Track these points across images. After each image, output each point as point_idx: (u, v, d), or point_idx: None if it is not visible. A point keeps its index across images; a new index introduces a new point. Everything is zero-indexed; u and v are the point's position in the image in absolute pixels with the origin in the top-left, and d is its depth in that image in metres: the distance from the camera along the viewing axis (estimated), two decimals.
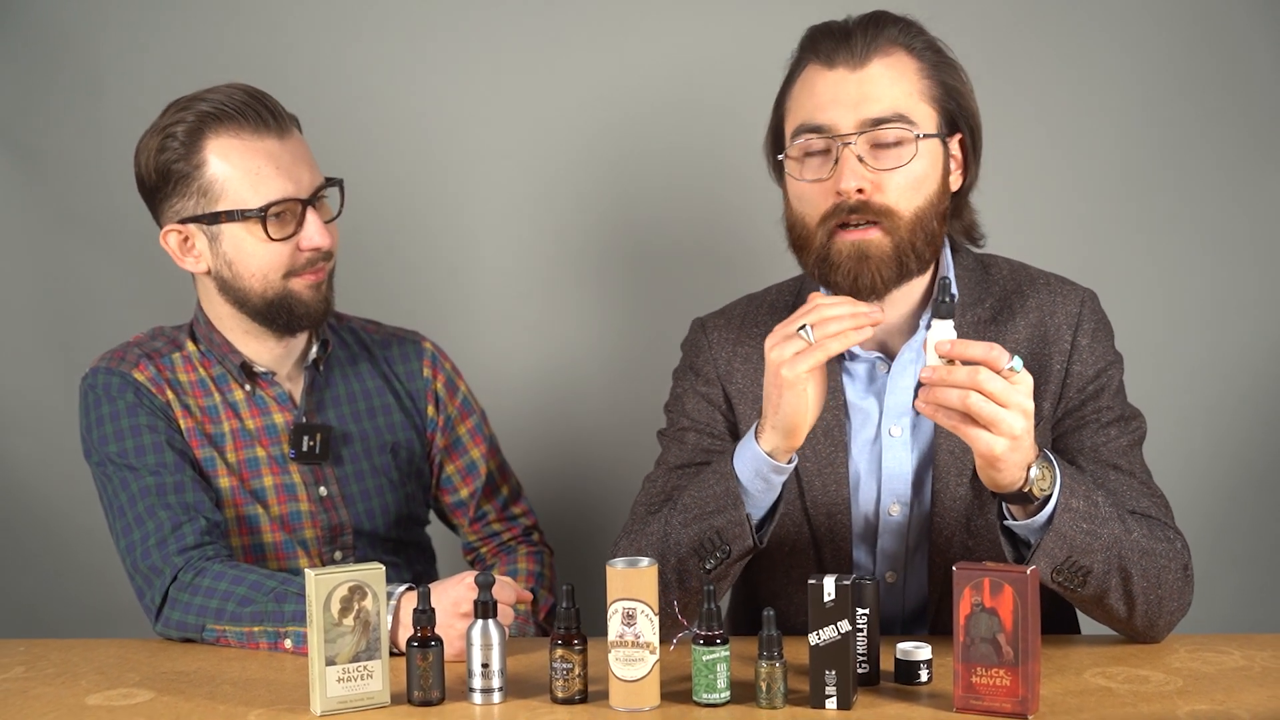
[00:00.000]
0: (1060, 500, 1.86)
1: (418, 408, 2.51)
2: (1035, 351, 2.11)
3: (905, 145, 2.04)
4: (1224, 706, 1.77)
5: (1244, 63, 2.86)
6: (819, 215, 2.05)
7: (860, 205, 2.02)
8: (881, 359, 2.14)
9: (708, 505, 1.98)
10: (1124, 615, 1.97)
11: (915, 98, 2.06)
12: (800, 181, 2.08)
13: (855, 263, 2.03)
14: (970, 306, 2.14)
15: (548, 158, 2.98)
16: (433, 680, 1.85)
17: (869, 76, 2.04)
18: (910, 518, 2.12)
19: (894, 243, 2.03)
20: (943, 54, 2.11)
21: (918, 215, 2.05)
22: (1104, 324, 2.15)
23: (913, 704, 1.81)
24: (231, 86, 2.29)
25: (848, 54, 2.05)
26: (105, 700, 1.92)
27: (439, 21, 2.96)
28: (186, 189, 2.26)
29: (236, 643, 2.14)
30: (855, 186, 2.01)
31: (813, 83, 2.08)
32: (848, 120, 2.03)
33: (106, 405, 2.30)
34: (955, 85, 2.10)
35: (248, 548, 2.33)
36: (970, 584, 1.74)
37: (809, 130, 2.06)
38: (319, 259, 2.31)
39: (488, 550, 2.59)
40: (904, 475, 2.12)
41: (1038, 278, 2.18)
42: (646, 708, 1.81)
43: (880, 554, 2.14)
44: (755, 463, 1.95)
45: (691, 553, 1.98)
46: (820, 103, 2.05)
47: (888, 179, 2.03)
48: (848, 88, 2.04)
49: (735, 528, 1.96)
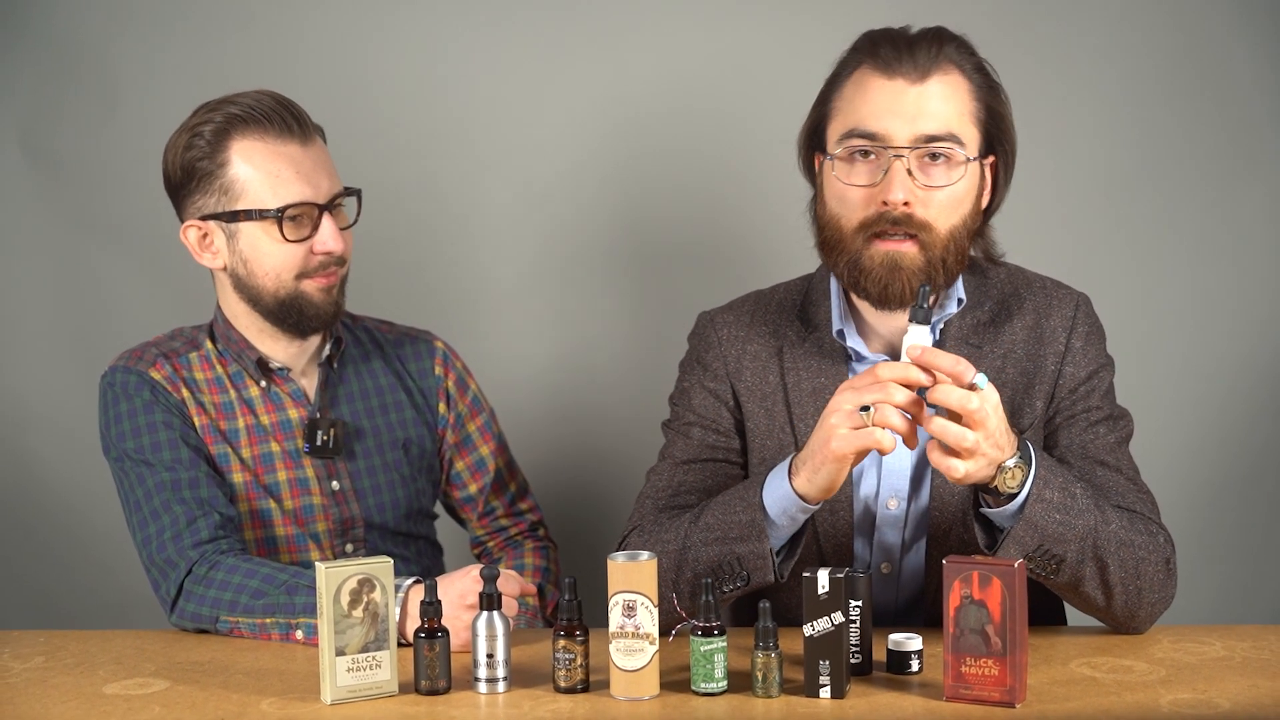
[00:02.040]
0: (1033, 492, 1.88)
1: (429, 405, 2.53)
2: (1030, 353, 2.13)
3: (954, 165, 2.04)
4: (1205, 695, 1.79)
5: (1224, 73, 2.87)
6: (858, 220, 2.06)
7: (903, 218, 2.03)
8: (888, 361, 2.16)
9: (731, 531, 1.98)
10: (1102, 604, 2.00)
11: (966, 119, 2.06)
12: (844, 184, 2.07)
13: (887, 272, 2.04)
14: (969, 309, 2.16)
15: (555, 162, 2.98)
16: (439, 670, 1.86)
17: (928, 92, 2.04)
18: (907, 511, 2.14)
19: (926, 257, 2.04)
20: (989, 76, 2.10)
21: (952, 233, 2.06)
22: (1097, 327, 2.18)
23: (904, 693, 1.83)
24: (260, 92, 2.31)
25: (910, 66, 2.03)
26: (122, 689, 1.93)
27: (448, 32, 2.97)
28: (209, 186, 2.28)
29: (249, 634, 2.15)
30: (903, 199, 2.01)
31: (869, 88, 2.06)
32: (903, 133, 2.03)
33: (124, 403, 2.33)
34: (998, 109, 2.10)
35: (261, 541, 2.35)
36: (960, 577, 1.76)
37: (862, 135, 2.05)
38: (331, 263, 2.33)
39: (495, 545, 2.60)
40: (903, 471, 2.14)
41: (1034, 281, 2.20)
42: (646, 696, 1.83)
43: (877, 545, 2.16)
44: (785, 502, 1.96)
45: (709, 572, 1.98)
46: (876, 110, 2.04)
47: (933, 196, 2.03)
48: (906, 100, 2.03)
49: (757, 560, 1.96)
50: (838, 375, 2.15)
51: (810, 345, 2.19)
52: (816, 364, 2.17)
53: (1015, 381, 2.13)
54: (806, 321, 2.21)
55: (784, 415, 2.17)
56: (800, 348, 2.19)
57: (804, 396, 2.16)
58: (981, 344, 2.15)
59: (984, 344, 2.15)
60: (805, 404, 2.16)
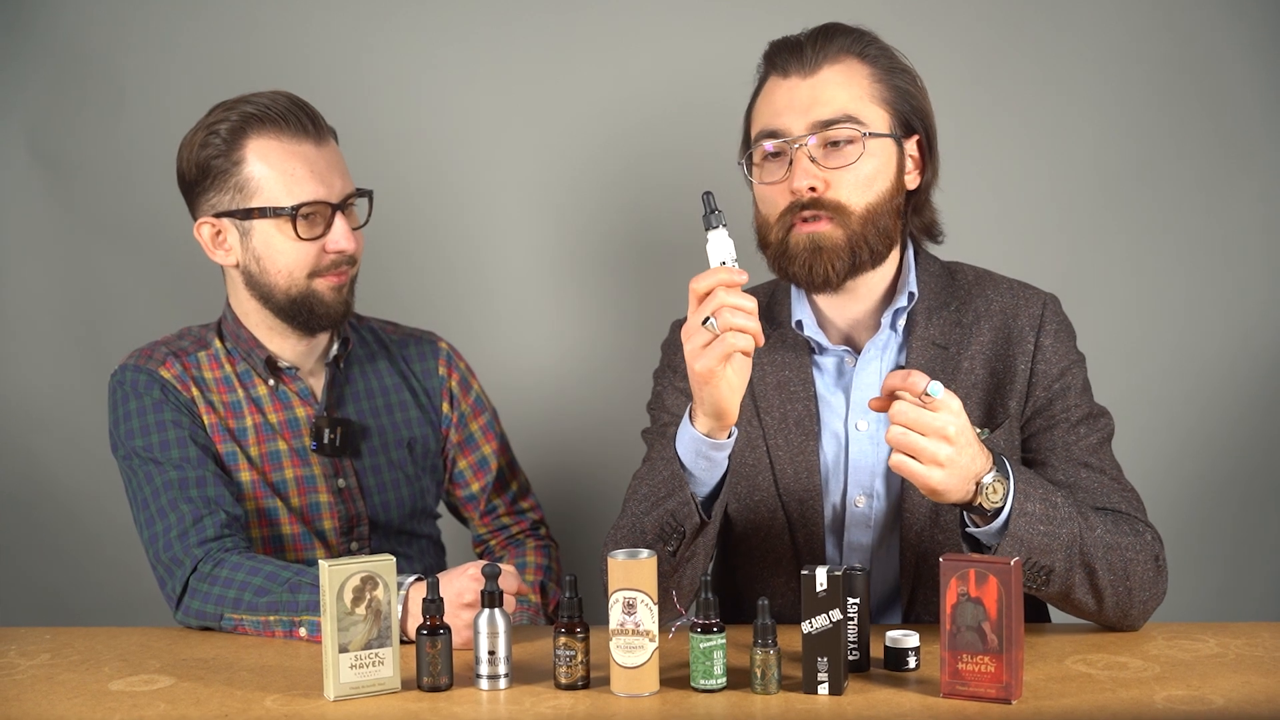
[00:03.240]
0: (1015, 506, 1.89)
1: (433, 404, 2.54)
2: (999, 353, 2.16)
3: (855, 144, 2.11)
4: (1199, 691, 1.80)
5: (1215, 74, 2.87)
6: (777, 213, 2.13)
7: (812, 202, 2.10)
8: (849, 352, 2.18)
9: (659, 490, 2.01)
10: (1093, 608, 2.00)
11: (865, 100, 2.13)
12: (761, 184, 2.15)
13: (809, 254, 2.11)
14: (936, 310, 2.19)
15: (559, 164, 2.99)
16: (441, 667, 1.87)
17: (819, 82, 2.12)
18: (876, 510, 2.16)
19: (846, 235, 2.10)
20: (895, 59, 2.17)
21: (869, 210, 2.12)
22: (1066, 325, 2.19)
23: (901, 689, 1.84)
24: (276, 92, 2.33)
25: (799, 63, 2.13)
26: (127, 686, 1.94)
27: (451, 36, 2.98)
28: (224, 184, 2.30)
29: (253, 631, 2.16)
30: (807, 185, 2.09)
31: (770, 92, 2.16)
32: (799, 124, 2.11)
33: (134, 401, 2.34)
34: (907, 88, 2.17)
35: (267, 539, 2.36)
36: (957, 575, 1.77)
37: (766, 135, 2.14)
38: (343, 262, 2.35)
39: (497, 543, 2.61)
40: (870, 469, 2.16)
41: (1001, 282, 2.23)
42: (646, 693, 1.84)
43: (847, 545, 2.18)
44: (694, 444, 1.98)
45: (656, 538, 2.01)
46: (776, 109, 2.14)
47: (838, 177, 2.10)
48: (800, 94, 2.12)
49: (684, 508, 1.98)
50: (801, 367, 2.20)
51: (775, 340, 2.24)
52: (780, 358, 2.22)
53: (985, 382, 2.16)
54: (772, 320, 2.26)
55: (751, 408, 2.21)
56: (765, 344, 2.20)
57: (769, 390, 2.21)
58: (948, 344, 2.17)
59: (950, 345, 2.17)
60: (770, 397, 2.20)
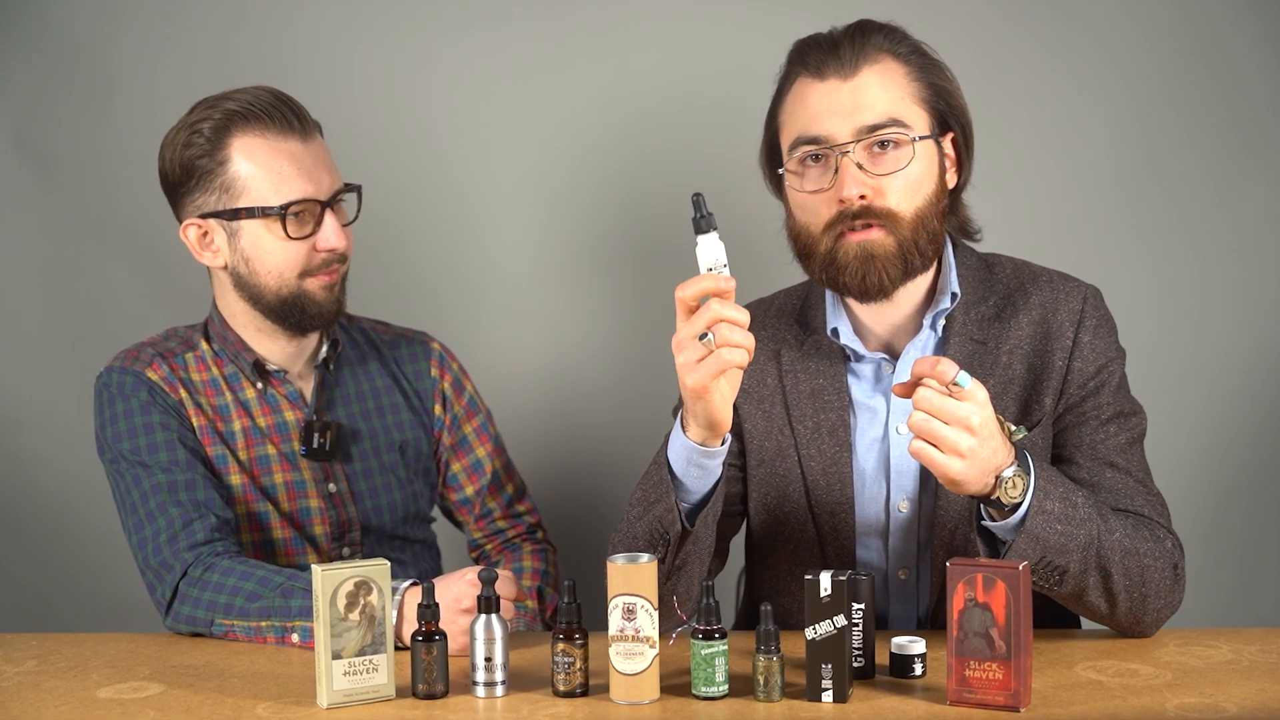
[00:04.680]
0: (1034, 504, 1.87)
1: (425, 407, 2.53)
2: (1038, 348, 2.12)
3: (902, 149, 2.06)
4: (1212, 699, 1.78)
5: (1231, 69, 2.87)
6: (822, 223, 2.07)
7: (863, 210, 2.04)
8: (886, 360, 2.15)
9: (650, 496, 1.98)
10: (1105, 611, 1.99)
11: (907, 101, 2.08)
12: (802, 193, 2.10)
13: (861, 263, 2.05)
14: (974, 304, 2.15)
15: (553, 161, 2.98)
16: (437, 674, 1.86)
17: (860, 85, 2.06)
18: (919, 514, 2.13)
19: (897, 241, 2.05)
20: (928, 55, 2.13)
21: (918, 215, 2.07)
22: (1106, 320, 2.16)
23: (907, 697, 1.82)
24: (259, 88, 2.31)
25: (837, 64, 2.07)
26: (116, 693, 1.93)
27: (446, 29, 2.97)
28: (209, 184, 2.28)
29: (245, 637, 2.15)
30: (857, 194, 2.03)
31: (805, 95, 2.10)
32: (844, 129, 2.05)
33: (120, 403, 2.32)
34: (943, 85, 2.12)
35: (257, 544, 2.34)
36: (964, 579, 1.75)
37: (806, 142, 2.08)
38: (334, 260, 2.33)
39: (493, 548, 2.59)
40: (911, 472, 2.13)
41: (1040, 275, 2.19)
42: (646, 700, 1.82)
43: (892, 551, 2.15)
44: (686, 451, 1.95)
45: (647, 545, 1.98)
46: (815, 114, 2.08)
47: (887, 183, 2.05)
48: (840, 98, 2.06)
49: (669, 515, 1.95)
50: (836, 376, 2.16)
51: (809, 347, 2.20)
52: (814, 365, 2.18)
53: (1022, 378, 2.12)
54: (805, 325, 2.22)
55: (783, 417, 2.18)
56: (798, 350, 2.20)
57: (802, 398, 2.17)
58: (986, 339, 2.14)
59: (989, 340, 2.14)
60: (804, 405, 2.16)
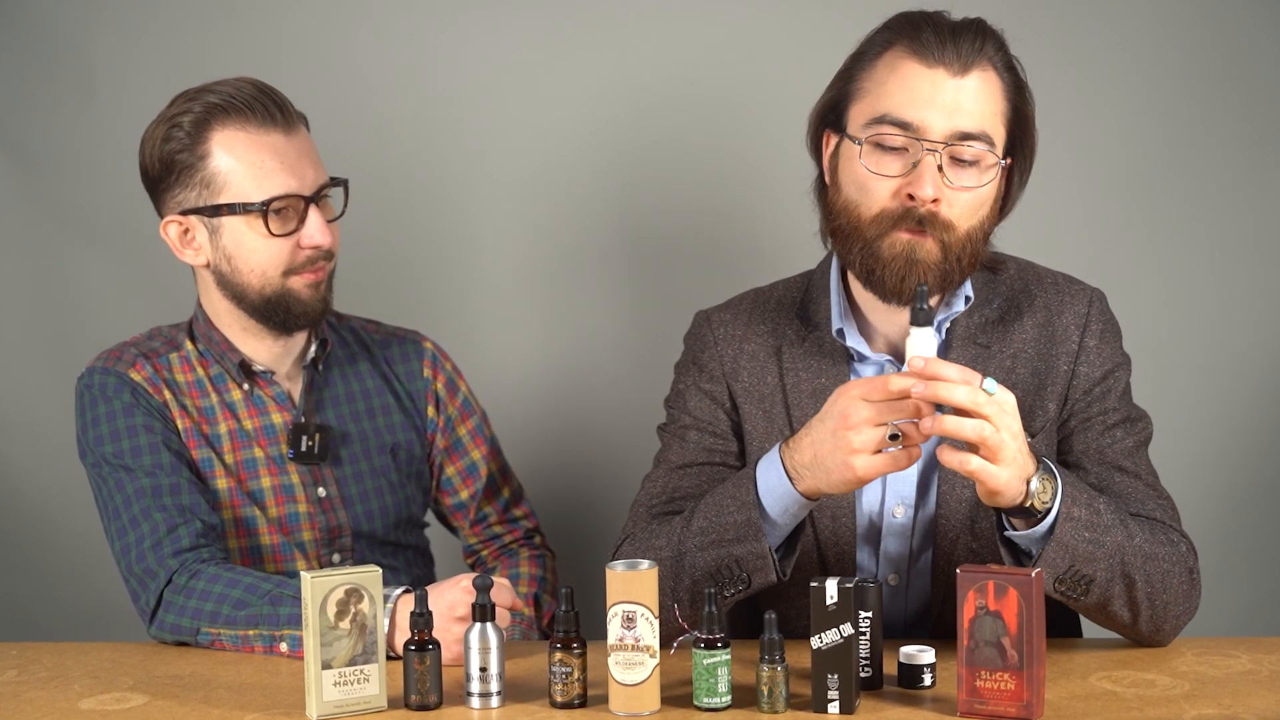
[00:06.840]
0: (1062, 510, 1.85)
1: (418, 408, 2.51)
2: (1042, 352, 2.10)
3: (984, 166, 2.00)
4: (1231, 711, 1.77)
5: (1249, 64, 2.88)
6: (879, 210, 2.01)
7: (928, 216, 1.98)
8: (891, 362, 2.12)
9: (727, 533, 1.94)
10: (1128, 621, 1.97)
11: (998, 118, 2.02)
12: (868, 172, 2.01)
13: (904, 264, 1.99)
14: (977, 307, 2.13)
15: (550, 154, 2.97)
16: (430, 684, 1.85)
17: (967, 87, 1.98)
18: (914, 520, 2.11)
19: (943, 254, 2.00)
20: (1019, 76, 2.06)
21: (970, 233, 2.02)
22: (1112, 325, 2.14)
23: (916, 708, 1.81)
24: (240, 80, 2.29)
25: (954, 56, 1.98)
26: (98, 704, 1.92)
27: (439, 20, 2.96)
28: (190, 180, 2.26)
29: (231, 646, 2.13)
30: (933, 195, 1.97)
31: (905, 73, 2.00)
32: (939, 126, 1.97)
33: (103, 405, 2.30)
34: (1024, 111, 2.06)
35: (245, 550, 2.32)
36: (974, 587, 1.74)
37: (894, 123, 1.99)
38: (319, 258, 2.30)
39: (489, 553, 2.58)
40: (909, 477, 2.11)
41: (1045, 277, 2.16)
42: (646, 712, 1.81)
43: (883, 556, 2.13)
44: (786, 500, 1.92)
45: (708, 578, 1.95)
46: (914, 99, 1.98)
47: (959, 196, 1.99)
48: (945, 92, 1.98)
49: (757, 560, 1.93)
50: (838, 376, 2.13)
51: (810, 345, 2.16)
52: (816, 364, 2.15)
53: (1026, 382, 2.10)
54: (806, 320, 2.18)
55: (783, 417, 2.15)
56: (800, 347, 2.16)
57: (803, 398, 2.14)
58: (990, 343, 2.11)
59: (992, 343, 2.11)
60: (805, 405, 2.13)
